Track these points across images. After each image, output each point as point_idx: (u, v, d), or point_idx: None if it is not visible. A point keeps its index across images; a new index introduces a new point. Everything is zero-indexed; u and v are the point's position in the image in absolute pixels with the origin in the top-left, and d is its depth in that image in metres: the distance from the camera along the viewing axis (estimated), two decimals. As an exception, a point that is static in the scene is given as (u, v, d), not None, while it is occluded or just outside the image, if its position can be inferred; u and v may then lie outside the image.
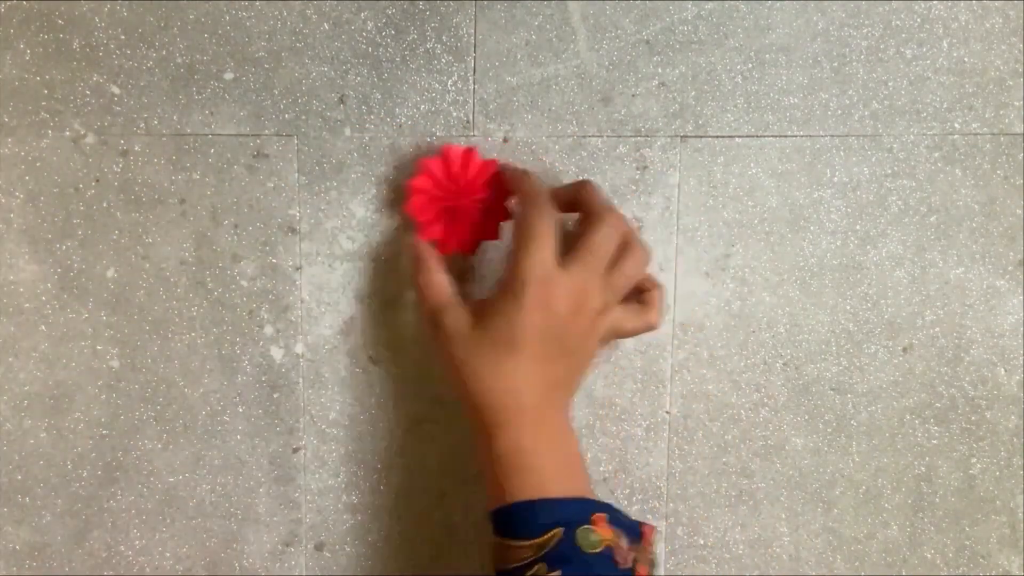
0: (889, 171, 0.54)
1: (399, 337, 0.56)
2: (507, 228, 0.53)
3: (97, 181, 0.55)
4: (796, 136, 0.54)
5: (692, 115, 0.54)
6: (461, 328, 0.48)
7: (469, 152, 0.53)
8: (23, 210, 0.55)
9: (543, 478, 0.46)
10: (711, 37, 0.53)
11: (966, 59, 0.53)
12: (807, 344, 0.55)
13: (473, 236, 0.53)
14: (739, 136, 0.54)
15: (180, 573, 0.57)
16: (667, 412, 0.56)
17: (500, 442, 0.47)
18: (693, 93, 0.54)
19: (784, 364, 0.55)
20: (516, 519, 0.45)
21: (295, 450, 0.56)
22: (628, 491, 0.56)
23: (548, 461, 0.47)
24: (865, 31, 0.53)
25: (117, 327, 0.56)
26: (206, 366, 0.56)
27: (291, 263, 0.55)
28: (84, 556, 0.57)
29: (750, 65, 0.53)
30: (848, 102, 0.53)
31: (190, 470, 0.57)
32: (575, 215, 0.51)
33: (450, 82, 0.54)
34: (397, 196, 0.54)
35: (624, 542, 0.45)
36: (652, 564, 0.47)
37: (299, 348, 0.56)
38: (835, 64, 0.53)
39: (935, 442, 0.55)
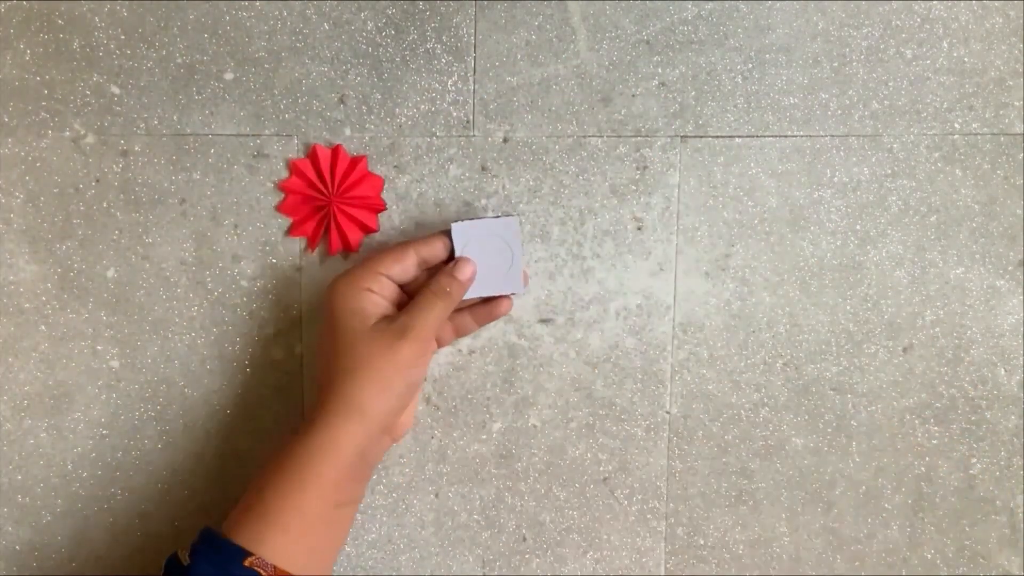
0: (889, 171, 0.54)
1: (399, 337, 0.56)
2: (385, 220, 0.55)
3: (97, 181, 0.55)
4: (796, 136, 0.54)
5: (692, 115, 0.54)
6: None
7: (336, 150, 0.54)
8: (23, 210, 0.55)
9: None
10: (711, 37, 0.53)
11: (966, 59, 0.53)
12: (807, 344, 0.55)
13: (351, 232, 0.54)
14: (739, 136, 0.54)
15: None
16: (667, 412, 0.56)
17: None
18: (693, 93, 0.54)
19: (784, 364, 0.55)
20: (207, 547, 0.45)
21: (295, 450, 0.56)
22: (628, 491, 0.56)
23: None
24: (865, 31, 0.53)
25: (117, 327, 0.56)
26: (206, 366, 0.56)
27: (291, 263, 0.55)
28: (84, 556, 0.57)
29: (750, 65, 0.53)
30: (848, 102, 0.53)
31: (190, 470, 0.57)
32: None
33: (450, 82, 0.54)
34: (276, 197, 0.55)
35: None
36: None
37: (299, 348, 0.56)
38: (835, 64, 0.53)
39: (935, 442, 0.55)
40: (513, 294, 0.52)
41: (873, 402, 0.55)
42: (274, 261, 0.55)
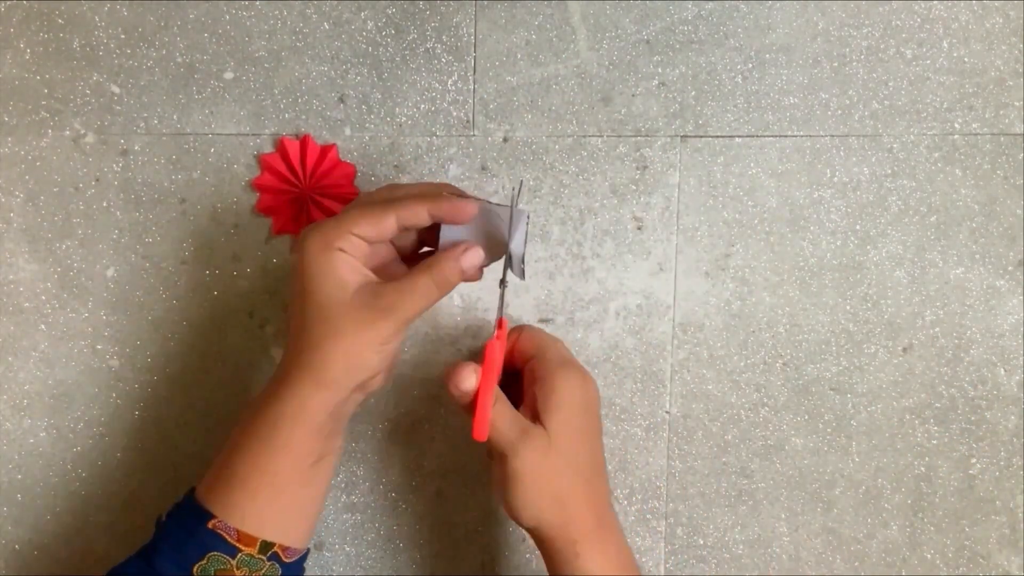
0: (889, 171, 0.54)
1: (399, 337, 0.56)
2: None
3: (97, 181, 0.55)
4: (796, 136, 0.54)
5: (692, 115, 0.54)
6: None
7: (305, 140, 0.53)
8: (23, 209, 0.55)
9: None
10: (711, 37, 0.53)
11: (966, 59, 0.53)
12: (807, 344, 0.55)
13: None
14: (739, 136, 0.54)
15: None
16: (667, 412, 0.56)
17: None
18: (693, 93, 0.54)
19: (784, 364, 0.55)
20: None
21: (295, 450, 0.56)
22: (628, 491, 0.56)
23: None
24: (865, 31, 0.53)
25: (117, 327, 0.56)
26: (206, 366, 0.56)
27: (291, 262, 0.55)
28: (84, 556, 0.57)
29: (750, 65, 0.53)
30: (848, 102, 0.53)
31: (191, 470, 0.57)
32: None
33: (450, 82, 0.54)
34: (251, 196, 0.55)
35: None
36: None
37: (299, 348, 0.56)
38: (835, 64, 0.53)
39: (935, 442, 0.55)
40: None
41: (873, 402, 0.55)
42: (275, 261, 0.55)
